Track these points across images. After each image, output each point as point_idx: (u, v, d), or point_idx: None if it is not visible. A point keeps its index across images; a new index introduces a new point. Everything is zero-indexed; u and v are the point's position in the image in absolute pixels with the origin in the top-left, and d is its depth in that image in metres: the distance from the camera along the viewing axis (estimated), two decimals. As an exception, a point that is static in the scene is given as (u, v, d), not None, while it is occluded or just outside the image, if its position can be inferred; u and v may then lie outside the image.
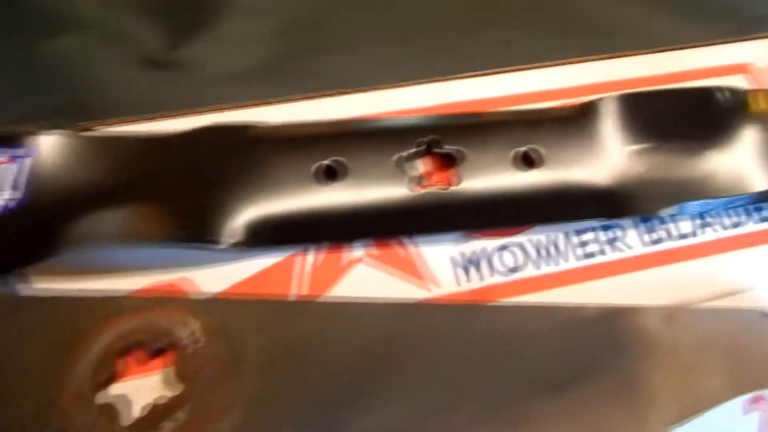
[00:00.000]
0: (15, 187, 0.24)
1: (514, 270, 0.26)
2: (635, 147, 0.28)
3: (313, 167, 0.26)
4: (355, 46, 0.38)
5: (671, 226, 0.27)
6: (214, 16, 0.40)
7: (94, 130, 0.26)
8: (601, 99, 0.28)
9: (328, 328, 0.23)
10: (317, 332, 0.23)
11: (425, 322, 0.23)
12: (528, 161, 0.27)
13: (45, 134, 0.25)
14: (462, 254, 0.26)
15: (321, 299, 0.24)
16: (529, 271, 0.26)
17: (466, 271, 0.26)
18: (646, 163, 0.27)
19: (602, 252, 0.26)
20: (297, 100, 0.29)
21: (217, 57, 0.39)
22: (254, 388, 0.21)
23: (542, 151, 0.27)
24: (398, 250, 0.26)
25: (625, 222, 0.27)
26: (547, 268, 0.26)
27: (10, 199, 0.24)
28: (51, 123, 0.26)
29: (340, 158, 0.26)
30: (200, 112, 0.28)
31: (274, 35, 0.40)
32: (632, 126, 0.28)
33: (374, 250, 0.26)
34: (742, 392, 0.23)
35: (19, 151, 0.25)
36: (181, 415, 0.20)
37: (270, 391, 0.21)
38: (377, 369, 0.22)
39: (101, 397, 0.20)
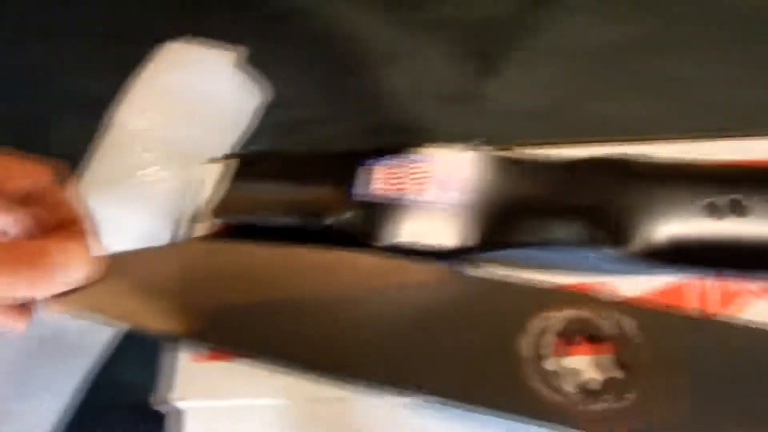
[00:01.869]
0: (459, 190, 0.29)
1: None
2: None
3: (704, 201, 0.28)
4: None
5: None
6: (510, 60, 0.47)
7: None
8: None
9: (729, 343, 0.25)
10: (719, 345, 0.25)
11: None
12: None
13: (478, 150, 0.30)
14: None
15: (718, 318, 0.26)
16: None
17: None
18: None
19: None
20: (676, 140, 0.31)
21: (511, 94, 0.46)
22: (690, 383, 0.24)
23: None
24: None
25: None
26: None
27: (458, 200, 0.29)
28: (481, 141, 0.31)
29: (737, 195, 0.28)
30: (584, 143, 0.31)
31: (559, 80, 0.46)
32: None
33: None
34: None
35: (461, 162, 0.30)
36: (629, 396, 0.24)
37: (707, 392, 0.24)
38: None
39: (548, 365, 0.25)
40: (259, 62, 0.46)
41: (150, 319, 0.27)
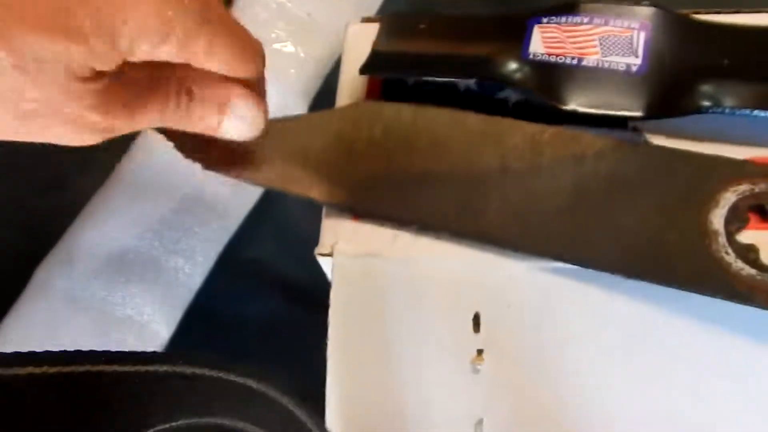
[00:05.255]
0: (635, 54, 0.27)
1: None
2: None
3: None
4: None
5: None
6: None
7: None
8: None
9: None
10: None
11: None
12: None
13: (656, 11, 0.27)
14: None
15: None
16: None
17: None
18: None
19: None
20: None
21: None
22: None
23: None
24: None
25: None
26: None
27: (632, 64, 0.27)
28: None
29: None
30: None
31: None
32: None
33: None
34: None
35: (634, 23, 0.27)
36: None
37: None
38: None
39: (743, 239, 0.23)
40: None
41: (299, 185, 0.27)
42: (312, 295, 0.37)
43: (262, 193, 0.38)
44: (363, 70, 0.28)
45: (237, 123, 0.23)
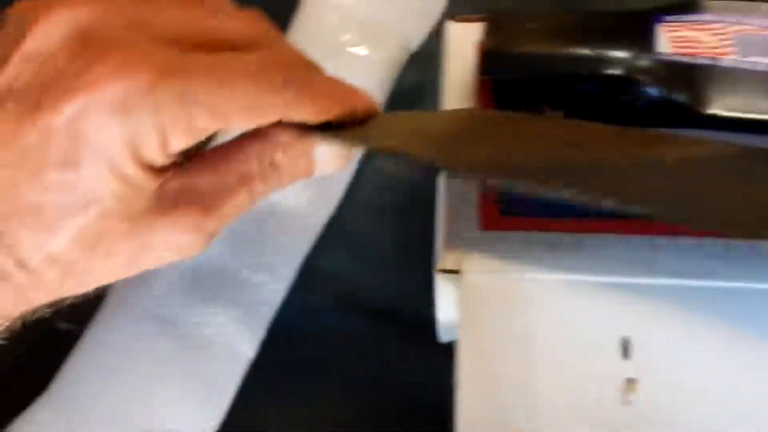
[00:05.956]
0: None
1: None
2: None
3: None
4: None
5: None
6: None
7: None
8: None
9: None
10: None
11: None
12: None
13: None
14: None
15: None
16: None
17: None
18: None
19: None
20: None
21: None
22: None
23: None
24: None
25: None
26: None
27: None
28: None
29: None
30: None
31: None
32: None
33: None
34: None
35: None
36: None
37: None
38: None
39: None
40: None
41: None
42: (389, 310, 0.35)
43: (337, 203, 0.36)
44: (484, 72, 0.26)
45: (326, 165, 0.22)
